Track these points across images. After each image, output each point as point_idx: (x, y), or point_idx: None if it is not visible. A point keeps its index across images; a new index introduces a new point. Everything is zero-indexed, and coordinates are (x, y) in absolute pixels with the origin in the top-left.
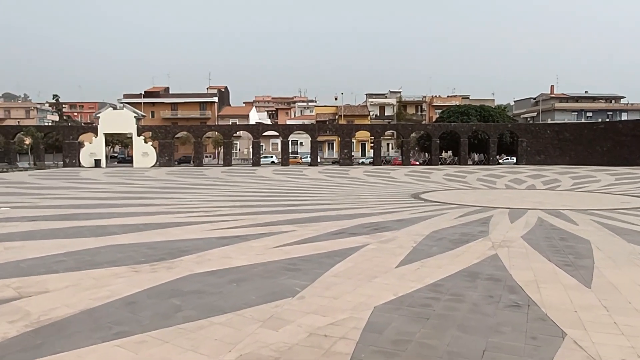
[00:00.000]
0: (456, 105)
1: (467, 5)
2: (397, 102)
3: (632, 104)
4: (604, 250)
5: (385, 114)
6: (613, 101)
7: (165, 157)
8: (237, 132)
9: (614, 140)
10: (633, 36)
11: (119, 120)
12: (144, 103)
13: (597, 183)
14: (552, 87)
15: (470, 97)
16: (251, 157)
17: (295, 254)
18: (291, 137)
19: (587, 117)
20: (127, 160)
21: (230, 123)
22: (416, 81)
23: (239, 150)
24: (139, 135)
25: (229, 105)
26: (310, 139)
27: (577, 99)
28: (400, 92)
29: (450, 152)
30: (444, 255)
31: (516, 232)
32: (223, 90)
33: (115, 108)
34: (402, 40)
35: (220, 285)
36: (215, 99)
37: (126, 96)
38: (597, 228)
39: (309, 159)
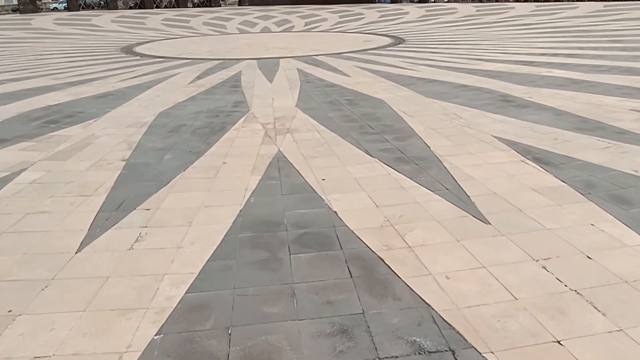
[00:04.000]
0: None
1: None
2: None
3: None
4: (413, 115)
5: None
6: None
7: None
8: None
9: None
10: None
11: None
12: None
13: (326, 22)
14: None
15: None
16: None
17: None
18: None
19: None
20: None
21: None
22: None
23: None
24: None
25: None
26: None
27: None
28: None
29: None
30: (192, 177)
31: (286, 99)
32: None
33: None
34: None
35: None
36: None
37: None
38: (373, 78)
39: None
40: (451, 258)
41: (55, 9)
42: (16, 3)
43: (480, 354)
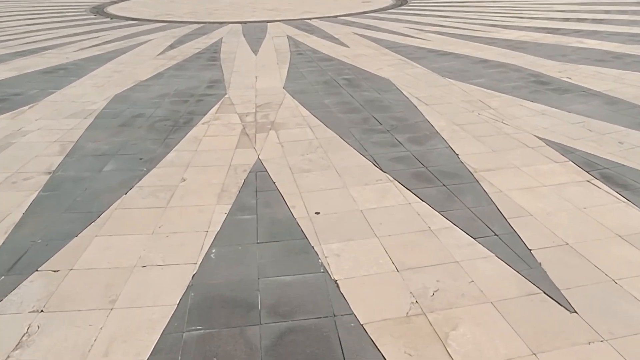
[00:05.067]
0: None
1: None
2: None
3: None
4: (429, 103)
5: None
6: None
7: None
8: None
9: None
10: None
11: None
12: None
13: None
14: None
15: None
16: None
17: None
18: None
19: None
20: None
21: None
22: None
23: None
24: None
25: None
26: None
27: None
28: None
29: None
30: (135, 205)
31: (272, 77)
32: None
33: None
34: None
35: None
36: None
37: None
38: (375, 49)
39: None
40: None
41: None
42: None
43: None
